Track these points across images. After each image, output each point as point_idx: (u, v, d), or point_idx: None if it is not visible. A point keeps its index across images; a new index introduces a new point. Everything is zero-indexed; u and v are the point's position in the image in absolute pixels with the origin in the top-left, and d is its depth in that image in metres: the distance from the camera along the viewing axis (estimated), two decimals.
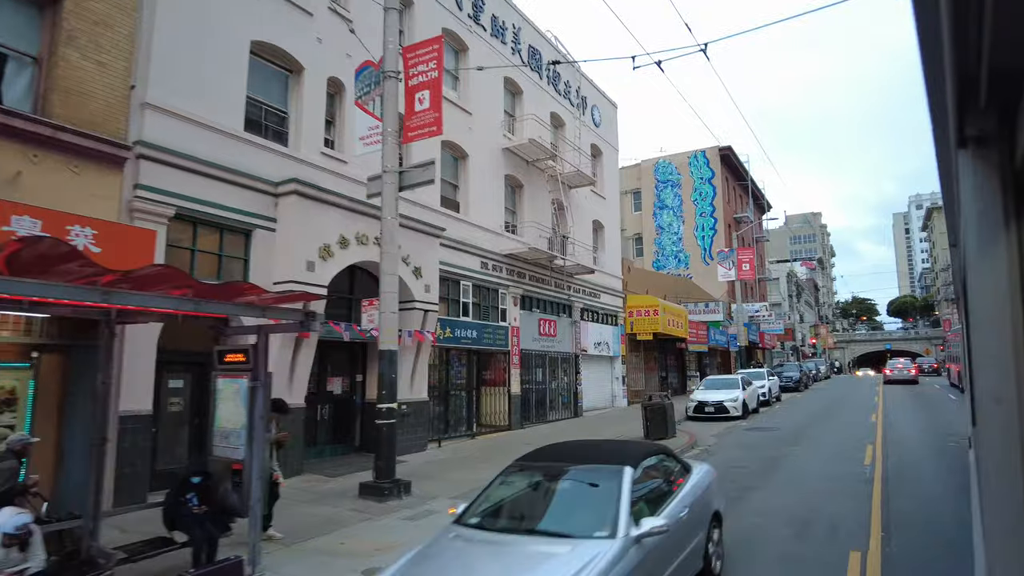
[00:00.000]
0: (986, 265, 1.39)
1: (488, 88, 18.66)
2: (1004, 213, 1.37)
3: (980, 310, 1.41)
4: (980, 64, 1.19)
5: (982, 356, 1.41)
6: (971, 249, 1.43)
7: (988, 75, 1.22)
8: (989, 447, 1.39)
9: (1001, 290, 1.35)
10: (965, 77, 1.25)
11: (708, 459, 13.44)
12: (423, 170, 10.94)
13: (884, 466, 11.61)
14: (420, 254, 14.37)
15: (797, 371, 35.88)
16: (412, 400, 14.44)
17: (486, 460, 13.37)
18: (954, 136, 1.44)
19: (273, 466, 8.25)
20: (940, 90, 1.35)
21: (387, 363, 10.50)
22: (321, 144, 13.18)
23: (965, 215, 1.47)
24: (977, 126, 1.39)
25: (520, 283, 19.19)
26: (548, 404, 20.83)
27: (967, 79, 1.26)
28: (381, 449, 10.35)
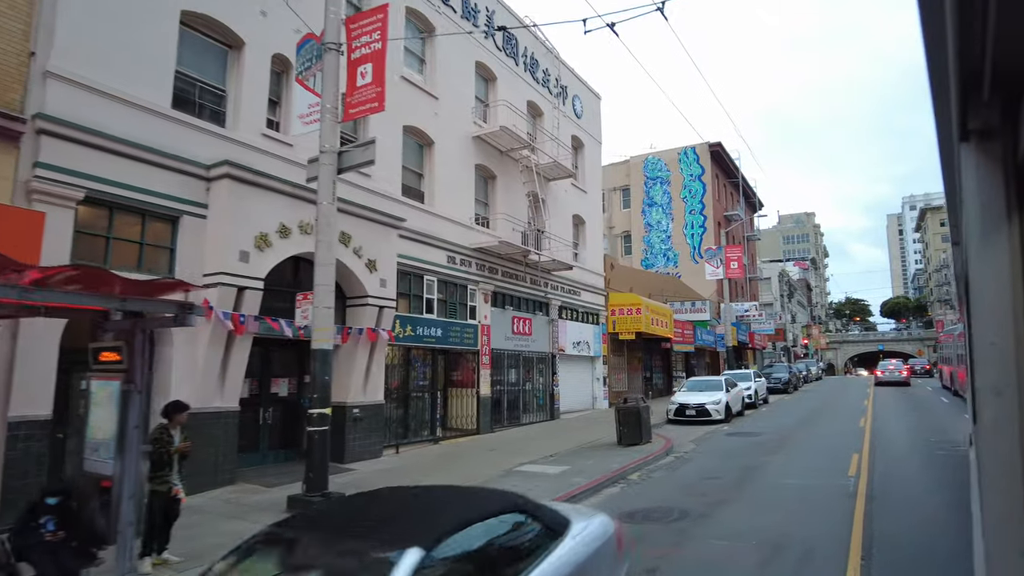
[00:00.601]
0: (988, 256, 1.40)
1: (457, 73, 17.66)
2: (1007, 205, 1.39)
3: (981, 301, 1.42)
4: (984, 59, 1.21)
5: (983, 347, 1.39)
6: (973, 241, 1.43)
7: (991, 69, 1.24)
8: (988, 438, 1.37)
9: (1003, 281, 1.37)
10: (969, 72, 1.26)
11: (681, 467, 12.52)
12: (363, 150, 9.94)
13: (869, 478, 10.66)
14: (375, 246, 13.35)
15: (786, 372, 34.98)
16: (366, 403, 13.43)
17: (442, 468, 12.39)
18: (957, 130, 1.44)
19: (174, 480, 7.24)
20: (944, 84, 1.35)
21: (320, 363, 9.49)
22: (263, 125, 12.15)
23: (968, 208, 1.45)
24: (980, 120, 1.39)
25: (491, 279, 18.19)
26: (522, 406, 19.83)
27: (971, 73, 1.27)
28: (312, 459, 9.35)
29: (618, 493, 10.43)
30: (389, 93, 15.04)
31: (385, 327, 13.58)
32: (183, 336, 10.35)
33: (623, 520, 8.43)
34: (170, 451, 7.20)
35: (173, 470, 7.28)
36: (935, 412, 22.06)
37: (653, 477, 11.65)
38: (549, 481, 10.90)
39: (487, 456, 13.79)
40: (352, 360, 13.14)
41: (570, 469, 11.99)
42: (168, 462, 7.18)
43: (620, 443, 15.00)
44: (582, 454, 13.90)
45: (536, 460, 13.16)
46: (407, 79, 15.75)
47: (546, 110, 22.13)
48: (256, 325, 11.07)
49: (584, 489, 10.35)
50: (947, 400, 26.71)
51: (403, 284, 15.08)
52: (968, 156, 1.43)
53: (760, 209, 58.12)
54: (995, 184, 1.40)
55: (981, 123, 1.40)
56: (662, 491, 10.39)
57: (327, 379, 9.53)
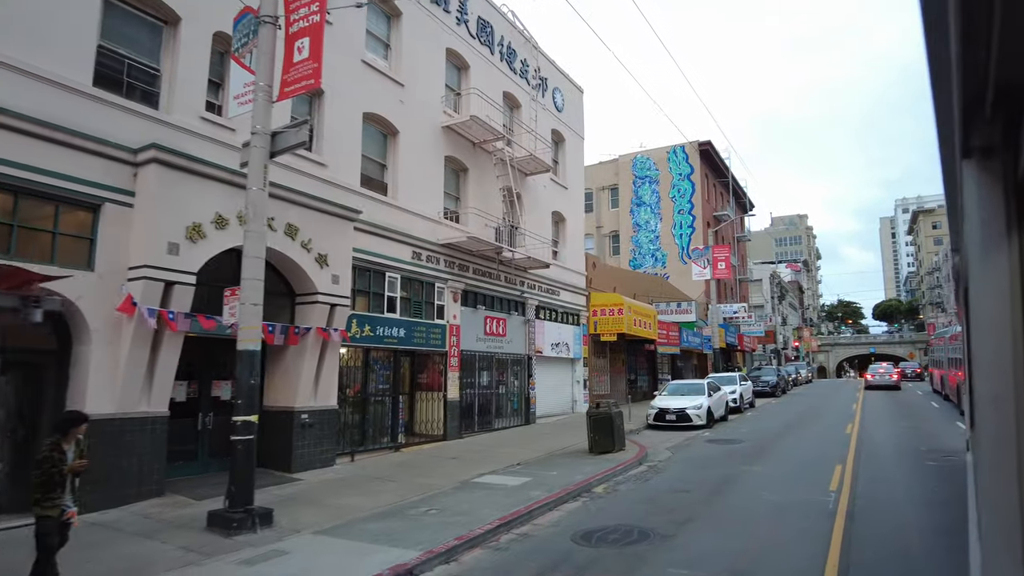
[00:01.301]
0: (988, 271, 1.42)
1: (426, 60, 16.77)
2: (1006, 222, 1.40)
3: (981, 315, 1.44)
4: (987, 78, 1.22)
5: (982, 359, 1.42)
6: (974, 256, 1.47)
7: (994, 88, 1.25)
8: (986, 447, 1.40)
9: (1002, 295, 1.38)
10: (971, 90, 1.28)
11: (652, 477, 11.67)
12: (297, 131, 9.06)
13: (852, 493, 9.82)
14: (326, 239, 12.45)
15: (774, 375, 34.18)
16: (317, 408, 12.53)
17: (396, 479, 11.50)
18: (959, 146, 1.47)
19: (66, 502, 6.31)
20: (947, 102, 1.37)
21: (246, 366, 8.59)
22: (203, 108, 11.23)
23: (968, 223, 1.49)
24: (982, 138, 1.42)
25: (462, 277, 17.30)
26: (495, 411, 18.94)
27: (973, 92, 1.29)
28: (236, 471, 8.44)
29: (578, 508, 9.56)
30: (349, 79, 14.27)
31: (338, 327, 12.68)
32: (103, 334, 9.44)
33: (576, 542, 7.58)
34: (62, 470, 6.26)
35: (66, 491, 6.34)
36: (925, 418, 21.29)
37: (620, 490, 10.79)
38: (505, 495, 10.03)
39: (447, 465, 12.90)
40: (301, 362, 12.24)
41: (531, 481, 11.12)
42: (60, 482, 6.24)
43: (592, 451, 14.15)
44: (549, 463, 13.03)
45: (498, 470, 12.28)
46: (369, 64, 14.86)
47: (524, 102, 21.27)
48: (187, 323, 10.15)
49: (541, 504, 9.48)
50: (937, 405, 25.97)
51: (362, 281, 14.18)
52: (970, 173, 1.47)
53: (751, 210, 57.46)
54: (995, 201, 1.43)
55: (983, 141, 1.43)
56: (626, 506, 9.53)
57: (253, 383, 8.63)
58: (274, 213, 11.52)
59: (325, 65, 13.57)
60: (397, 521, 8.61)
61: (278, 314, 12.51)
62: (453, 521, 8.52)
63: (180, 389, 11.61)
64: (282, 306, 12.63)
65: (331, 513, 9.11)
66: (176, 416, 11.05)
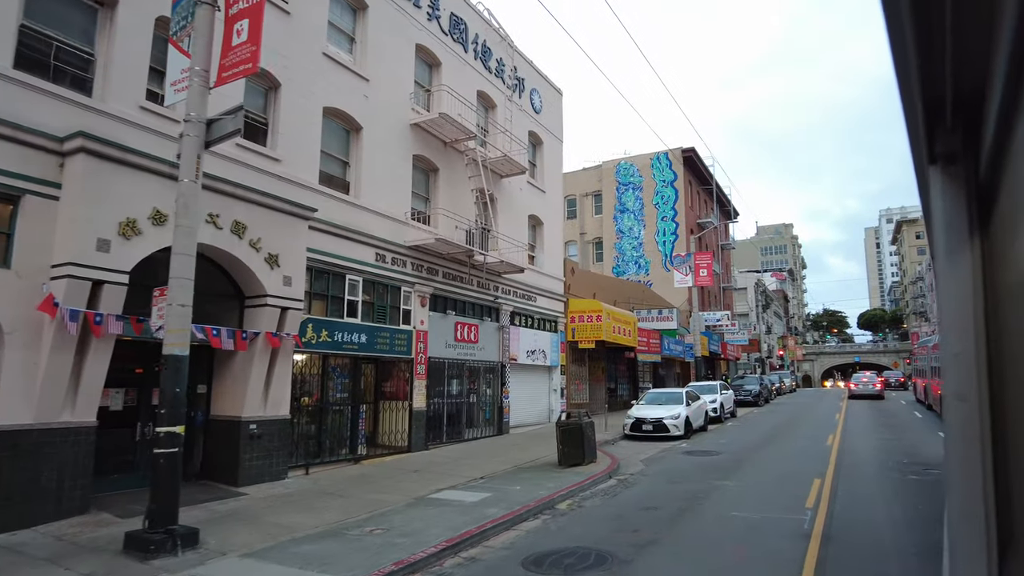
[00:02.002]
0: (953, 272, 1.47)
1: (394, 55, 16.13)
2: (969, 225, 1.46)
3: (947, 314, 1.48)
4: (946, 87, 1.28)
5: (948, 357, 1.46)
6: (940, 258, 1.52)
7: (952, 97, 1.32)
8: (953, 443, 1.45)
9: (966, 295, 1.43)
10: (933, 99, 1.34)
11: (621, 492, 11.01)
12: (233, 118, 8.36)
13: (829, 511, 9.20)
14: (278, 238, 11.73)
15: (757, 384, 33.68)
16: (267, 418, 11.76)
17: (347, 494, 10.76)
18: (925, 153, 1.52)
19: None
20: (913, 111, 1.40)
21: (171, 372, 7.84)
22: (142, 97, 10.50)
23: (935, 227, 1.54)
24: (945, 144, 1.47)
25: (430, 280, 16.61)
26: (465, 421, 18.21)
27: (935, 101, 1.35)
28: (158, 487, 7.67)
29: (537, 528, 8.87)
30: (309, 71, 13.58)
31: (290, 331, 11.93)
32: (20, 336, 8.66)
33: (527, 568, 6.90)
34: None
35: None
36: (908, 428, 20.81)
37: (584, 506, 10.11)
38: (460, 512, 9.32)
39: (406, 479, 12.17)
40: (249, 369, 11.48)
41: (491, 497, 10.42)
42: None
43: (561, 464, 13.47)
44: (515, 477, 12.34)
45: (459, 484, 11.56)
46: (331, 57, 14.18)
47: (499, 102, 20.68)
48: (117, 326, 9.37)
49: (497, 523, 8.78)
50: (920, 415, 25.55)
51: (319, 284, 13.46)
52: (935, 178, 1.52)
53: (735, 218, 57.26)
54: (959, 205, 1.48)
55: (945, 148, 1.48)
56: (588, 526, 8.85)
57: (178, 391, 7.87)
58: (219, 209, 10.82)
59: (282, 57, 13.04)
60: (335, 543, 7.88)
61: (226, 317, 11.77)
62: (397, 543, 7.81)
63: (116, 397, 10.83)
64: (230, 309, 11.89)
65: (266, 533, 8.36)
66: (111, 426, 10.29)
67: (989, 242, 1.45)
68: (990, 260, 1.44)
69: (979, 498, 1.39)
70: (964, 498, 1.41)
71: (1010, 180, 1.21)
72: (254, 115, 12.54)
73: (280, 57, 12.86)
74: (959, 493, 1.43)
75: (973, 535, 1.39)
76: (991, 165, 1.36)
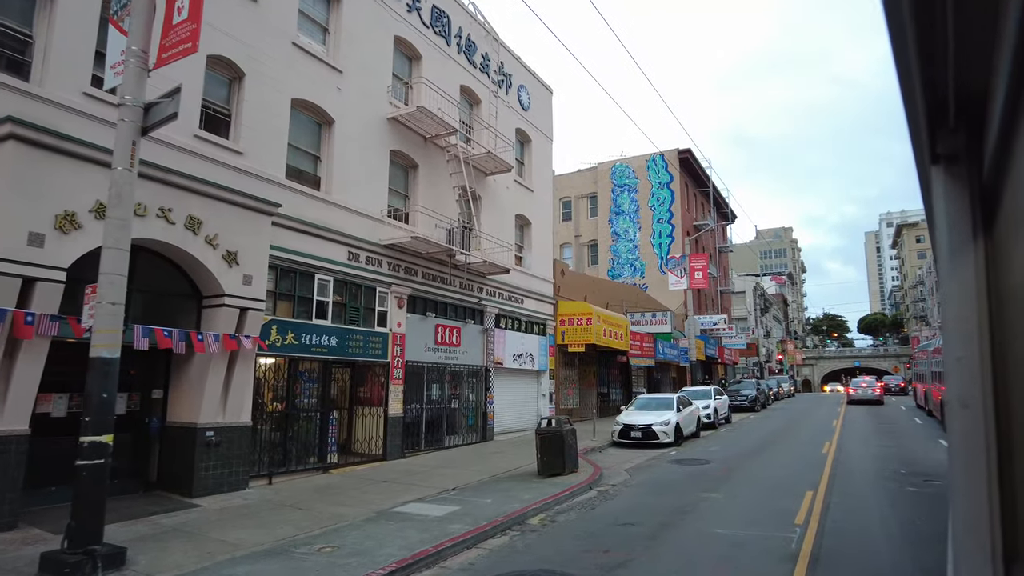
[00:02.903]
0: (956, 275, 1.45)
1: (370, 47, 15.50)
2: (972, 226, 1.44)
3: (950, 317, 1.46)
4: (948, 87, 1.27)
5: (951, 361, 1.45)
6: (943, 259, 1.50)
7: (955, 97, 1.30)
8: (956, 449, 1.42)
9: (969, 298, 1.41)
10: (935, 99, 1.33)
11: (600, 505, 10.31)
12: (171, 101, 7.70)
13: (820, 528, 8.51)
14: (237, 235, 11.07)
15: (753, 389, 32.96)
16: (225, 425, 11.08)
17: (307, 507, 10.07)
18: (928, 154, 1.51)
19: None
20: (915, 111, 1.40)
21: (98, 376, 7.19)
22: (87, 83, 9.85)
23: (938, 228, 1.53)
24: (947, 145, 1.45)
25: (408, 281, 15.94)
26: (446, 427, 17.51)
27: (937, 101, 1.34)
28: (80, 502, 7.00)
29: (502, 546, 8.18)
30: (276, 62, 12.93)
31: (250, 333, 11.26)
32: None
33: None
34: None
35: None
36: (907, 436, 20.08)
37: (558, 521, 9.41)
38: (420, 529, 8.62)
39: (374, 490, 11.47)
40: (205, 373, 10.81)
41: (458, 511, 9.72)
42: None
43: (540, 473, 12.78)
44: (489, 488, 11.64)
45: (427, 496, 10.87)
46: (302, 48, 13.55)
47: (484, 98, 20.04)
48: (52, 327, 8.70)
49: (457, 541, 8.10)
50: (921, 421, 24.83)
51: (285, 283, 12.79)
52: (937, 179, 1.51)
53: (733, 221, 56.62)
54: (962, 206, 1.46)
55: (948, 148, 1.46)
56: (558, 544, 8.16)
57: (106, 397, 7.21)
58: (172, 203, 10.17)
59: (247, 46, 12.40)
60: (277, 563, 7.20)
61: (185, 318, 11.11)
62: (343, 563, 7.13)
63: (60, 403, 10.17)
64: (188, 309, 11.22)
65: (205, 551, 7.68)
66: (52, 433, 9.64)
67: (993, 244, 1.42)
68: (994, 262, 1.42)
69: (984, 508, 1.36)
70: (968, 508, 1.39)
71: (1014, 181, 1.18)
72: (216, 106, 11.91)
73: (245, 46, 12.23)
74: (963, 503, 1.41)
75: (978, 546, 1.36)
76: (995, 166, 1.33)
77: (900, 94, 1.36)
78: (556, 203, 46.35)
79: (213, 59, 11.67)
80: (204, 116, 11.62)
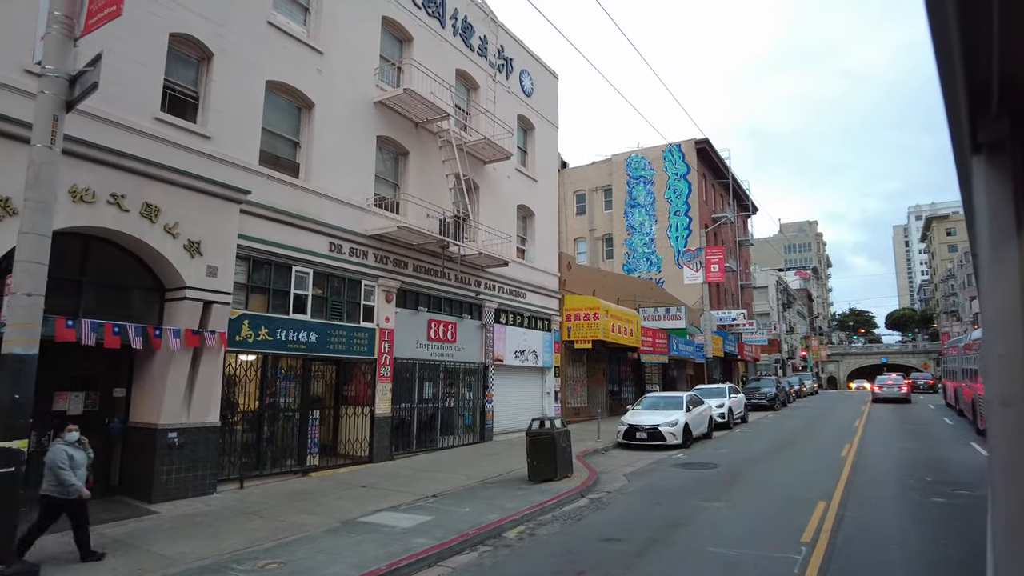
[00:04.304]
0: (998, 269, 1.41)
1: (355, 27, 14.70)
2: (1016, 218, 1.39)
3: (991, 313, 1.43)
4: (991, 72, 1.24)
5: (992, 359, 1.41)
6: (983, 254, 1.47)
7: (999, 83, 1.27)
8: (997, 451, 1.38)
9: (1012, 294, 1.37)
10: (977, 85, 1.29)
11: (588, 516, 9.40)
12: (92, 71, 6.95)
13: (829, 548, 7.50)
14: (200, 223, 10.35)
15: (773, 386, 31.65)
16: (190, 425, 10.39)
17: (270, 514, 9.33)
18: (968, 143, 1.46)
19: None
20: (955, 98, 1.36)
21: (9, 375, 6.45)
22: (28, 59, 9.14)
23: (978, 221, 1.49)
24: (990, 133, 1.42)
25: (397, 274, 15.14)
26: (440, 427, 16.70)
27: (979, 87, 1.30)
28: None
29: (468, 564, 7.32)
30: (249, 41, 12.13)
31: (216, 328, 10.55)
32: None
33: None
34: None
35: None
36: (935, 438, 18.79)
37: (538, 534, 8.53)
38: (382, 543, 7.80)
39: (349, 495, 10.70)
40: (167, 370, 10.11)
41: (430, 521, 8.89)
42: None
43: (531, 478, 11.92)
44: (472, 494, 10.80)
45: (402, 504, 10.05)
46: (278, 26, 12.79)
47: (482, 82, 19.15)
48: None
49: (422, 556, 7.27)
50: (951, 421, 23.41)
51: (259, 276, 12.06)
52: (978, 169, 1.45)
53: (754, 213, 54.99)
54: (1005, 198, 1.40)
55: (990, 137, 1.41)
56: (529, 562, 7.28)
57: (18, 398, 6.47)
58: (125, 189, 9.48)
59: (216, 24, 11.63)
60: None
61: (147, 313, 10.44)
62: None
63: None
64: (150, 303, 10.55)
65: (137, 567, 6.95)
66: None
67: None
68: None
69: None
70: (1009, 511, 1.33)
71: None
72: (181, 87, 11.20)
73: (213, 24, 11.50)
74: (1004, 506, 1.35)
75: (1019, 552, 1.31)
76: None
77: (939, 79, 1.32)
78: (570, 196, 45.29)
79: (177, 37, 10.96)
80: (168, 98, 10.91)
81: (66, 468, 7.01)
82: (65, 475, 6.98)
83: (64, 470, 6.99)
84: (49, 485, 7.01)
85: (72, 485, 7.02)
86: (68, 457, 7.10)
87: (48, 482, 7.01)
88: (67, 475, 6.99)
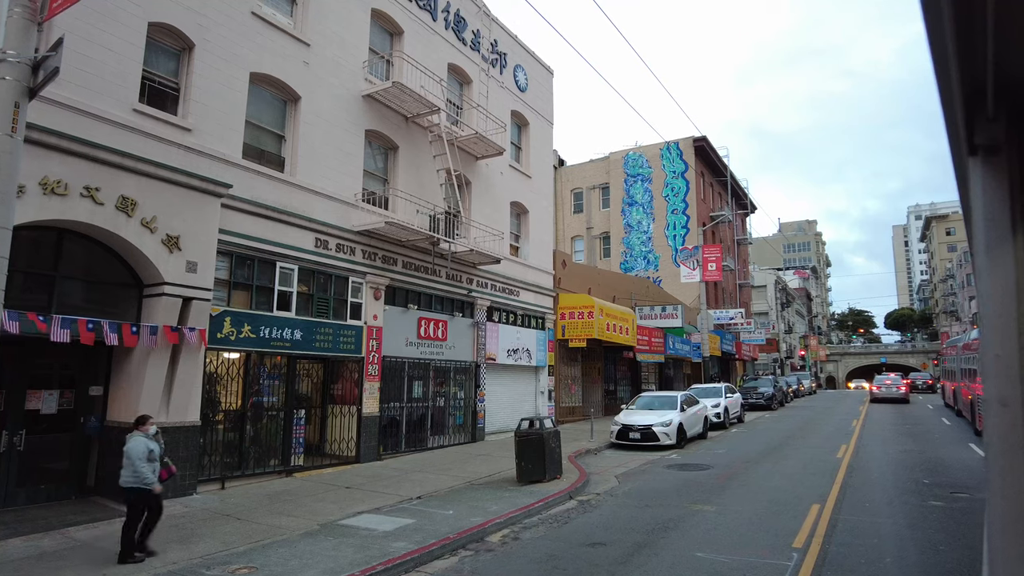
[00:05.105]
0: (994, 269, 1.41)
1: (345, 20, 14.43)
2: (1012, 219, 1.41)
3: (988, 314, 1.43)
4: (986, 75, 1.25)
5: (989, 359, 1.42)
6: (980, 254, 1.47)
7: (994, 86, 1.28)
8: (994, 450, 1.40)
9: (1008, 293, 1.38)
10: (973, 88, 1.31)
11: (574, 519, 9.14)
12: (54, 55, 6.67)
13: (821, 555, 7.25)
14: (179, 218, 10.08)
15: (771, 386, 31.40)
16: (169, 425, 10.10)
17: (248, 517, 9.07)
18: (965, 145, 1.47)
19: None
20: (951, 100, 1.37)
21: None
22: None
23: (975, 221, 1.50)
24: (986, 135, 1.42)
25: (386, 271, 14.87)
26: (430, 427, 16.44)
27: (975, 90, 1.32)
28: None
29: (448, 569, 7.07)
30: (233, 32, 11.85)
31: (196, 325, 10.28)
32: None
33: None
34: None
35: None
36: (933, 439, 18.54)
37: (521, 539, 8.27)
38: (359, 547, 7.55)
39: (332, 497, 10.44)
40: (144, 368, 9.85)
41: (411, 524, 8.63)
42: None
43: (519, 480, 11.67)
44: (458, 496, 10.54)
45: (385, 506, 9.79)
46: (262, 17, 12.52)
47: (475, 77, 18.88)
48: None
49: (399, 561, 7.01)
50: (949, 422, 23.17)
51: (242, 272, 11.80)
52: (976, 170, 1.47)
53: (752, 211, 54.75)
54: (1001, 198, 1.42)
55: (986, 138, 1.43)
56: (510, 568, 7.03)
57: None
58: (100, 182, 9.21)
59: (198, 14, 11.35)
60: None
61: (123, 308, 10.18)
62: None
63: None
64: (127, 299, 10.28)
65: (101, 572, 6.68)
66: None
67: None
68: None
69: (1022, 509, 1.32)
70: (1006, 510, 1.34)
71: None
72: (161, 78, 10.92)
73: (194, 14, 11.23)
74: (1000, 504, 1.36)
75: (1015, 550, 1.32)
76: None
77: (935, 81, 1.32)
78: (568, 194, 45.01)
79: (157, 27, 10.68)
80: (147, 89, 10.64)
81: (144, 460, 7.12)
82: (142, 468, 7.08)
83: (142, 462, 7.10)
84: (128, 476, 7.11)
85: (147, 478, 7.10)
86: (148, 450, 7.21)
87: (127, 472, 7.12)
88: (144, 468, 7.09)
